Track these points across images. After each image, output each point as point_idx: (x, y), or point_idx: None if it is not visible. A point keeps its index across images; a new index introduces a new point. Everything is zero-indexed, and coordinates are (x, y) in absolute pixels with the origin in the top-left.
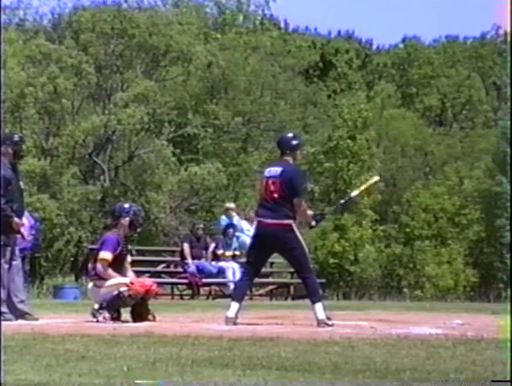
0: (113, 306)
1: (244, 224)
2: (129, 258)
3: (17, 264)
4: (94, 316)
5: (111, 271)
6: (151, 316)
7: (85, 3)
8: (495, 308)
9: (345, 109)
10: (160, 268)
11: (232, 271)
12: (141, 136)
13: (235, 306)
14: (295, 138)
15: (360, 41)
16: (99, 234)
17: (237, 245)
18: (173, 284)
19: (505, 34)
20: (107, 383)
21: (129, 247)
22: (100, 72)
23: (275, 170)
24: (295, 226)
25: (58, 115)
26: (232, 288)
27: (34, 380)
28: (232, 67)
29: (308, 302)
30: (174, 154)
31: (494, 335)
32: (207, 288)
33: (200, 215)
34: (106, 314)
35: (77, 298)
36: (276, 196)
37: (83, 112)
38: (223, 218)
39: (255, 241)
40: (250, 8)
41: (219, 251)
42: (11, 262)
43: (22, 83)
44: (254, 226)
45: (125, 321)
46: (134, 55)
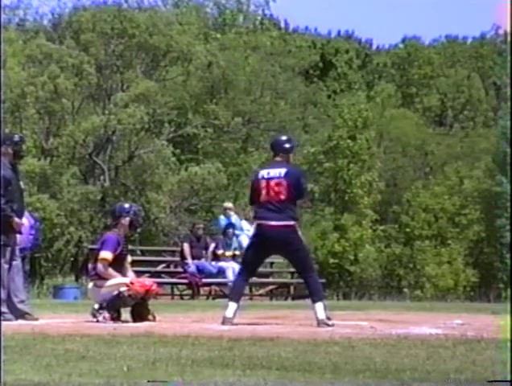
0: (113, 306)
1: (244, 224)
2: (129, 258)
3: (17, 264)
4: (94, 316)
5: (112, 270)
6: (151, 316)
7: (86, 3)
8: (495, 308)
9: (345, 109)
10: (160, 268)
11: (232, 271)
12: (141, 136)
13: (233, 306)
14: (289, 141)
15: (360, 41)
16: (99, 234)
17: (237, 245)
18: (173, 284)
19: (505, 34)
20: (107, 383)
21: (132, 247)
22: (100, 72)
23: (277, 172)
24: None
25: (58, 115)
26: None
27: (34, 380)
28: (232, 67)
29: (308, 302)
30: (174, 154)
31: (494, 335)
32: (207, 288)
33: (200, 215)
34: (106, 314)
35: (77, 298)
36: (283, 197)
37: (83, 112)
38: (221, 218)
39: (255, 242)
40: (250, 8)
41: (219, 251)
42: (11, 262)
43: (22, 83)
44: (254, 227)
45: (125, 321)
46: (134, 55)
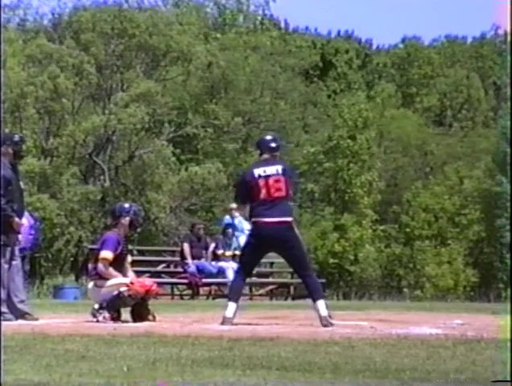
0: (113, 306)
1: (245, 225)
2: (129, 258)
3: (17, 264)
4: (94, 316)
5: (112, 270)
6: (151, 316)
7: (86, 3)
8: (495, 308)
9: (345, 109)
10: (160, 268)
11: (232, 271)
12: (141, 136)
13: (232, 306)
14: (275, 140)
15: (360, 41)
16: (99, 234)
17: (237, 245)
18: (173, 284)
19: (504, 34)
20: (107, 383)
21: (130, 247)
22: (100, 72)
23: (274, 169)
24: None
25: (58, 115)
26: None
27: (34, 380)
28: (232, 67)
29: (309, 302)
30: (174, 154)
31: (494, 335)
32: (207, 288)
33: (200, 215)
34: (106, 314)
35: (77, 298)
36: (283, 194)
37: (83, 112)
38: (227, 218)
39: (253, 241)
40: (250, 8)
41: (219, 251)
42: (11, 262)
43: (22, 83)
44: (251, 225)
45: (125, 321)
46: (135, 55)
